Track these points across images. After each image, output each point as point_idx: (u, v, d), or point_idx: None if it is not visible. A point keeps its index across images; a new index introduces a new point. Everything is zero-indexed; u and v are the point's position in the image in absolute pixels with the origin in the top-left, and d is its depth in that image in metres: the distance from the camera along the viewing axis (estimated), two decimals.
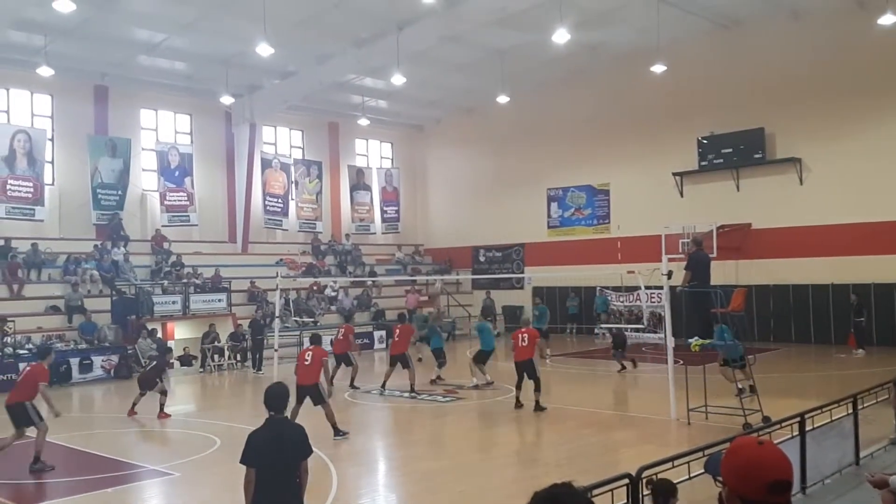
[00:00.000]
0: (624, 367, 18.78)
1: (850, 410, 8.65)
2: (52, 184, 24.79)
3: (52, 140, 24.84)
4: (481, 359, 17.08)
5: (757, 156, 24.16)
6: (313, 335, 13.90)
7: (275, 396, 5.93)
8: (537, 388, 13.90)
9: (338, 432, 11.83)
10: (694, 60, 24.85)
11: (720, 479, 2.35)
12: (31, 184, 23.55)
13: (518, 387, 14.30)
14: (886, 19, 18.59)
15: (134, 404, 14.39)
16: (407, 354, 17.01)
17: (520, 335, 14.56)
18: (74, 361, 19.63)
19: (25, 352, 19.17)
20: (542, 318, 23.15)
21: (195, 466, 10.46)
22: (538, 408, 13.81)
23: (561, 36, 19.02)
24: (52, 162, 24.88)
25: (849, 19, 21.81)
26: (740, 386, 14.69)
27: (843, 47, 22.35)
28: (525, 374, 14.11)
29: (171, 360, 18.34)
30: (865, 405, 8.94)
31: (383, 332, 27.18)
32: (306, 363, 12.24)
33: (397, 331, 17.59)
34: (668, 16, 21.54)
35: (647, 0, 20.84)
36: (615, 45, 25.03)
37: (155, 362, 15.49)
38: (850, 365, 18.88)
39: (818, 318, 23.14)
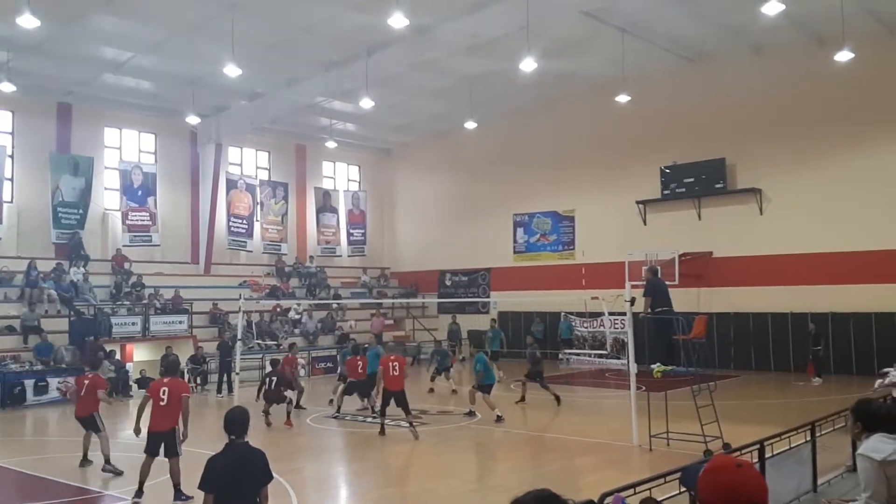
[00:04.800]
0: (524, 399, 18.29)
1: (808, 438, 8.77)
2: (11, 201, 24.29)
3: (11, 157, 24.38)
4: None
5: (718, 186, 24.63)
6: (166, 359, 11.90)
7: (235, 421, 5.84)
8: (408, 413, 14.23)
9: (179, 495, 9.62)
10: (659, 91, 25.34)
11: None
12: None
13: (383, 413, 14.33)
14: (843, 56, 19.17)
15: None
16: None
17: (390, 364, 14.32)
18: (29, 383, 19.13)
19: None
20: (495, 340, 23.59)
21: (152, 492, 10.21)
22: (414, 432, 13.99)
23: (528, 65, 19.26)
24: (11, 179, 24.40)
25: (808, 55, 22.43)
26: (497, 413, 15.20)
27: (803, 82, 22.96)
28: (394, 402, 14.17)
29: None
30: (823, 433, 9.06)
31: None
32: (162, 403, 9.80)
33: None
34: (634, 48, 21.98)
35: (614, 32, 21.25)
36: (582, 75, 25.43)
37: None
38: (808, 393, 19.17)
39: (777, 346, 23.51)
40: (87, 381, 11.97)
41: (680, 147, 25.34)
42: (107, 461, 11.51)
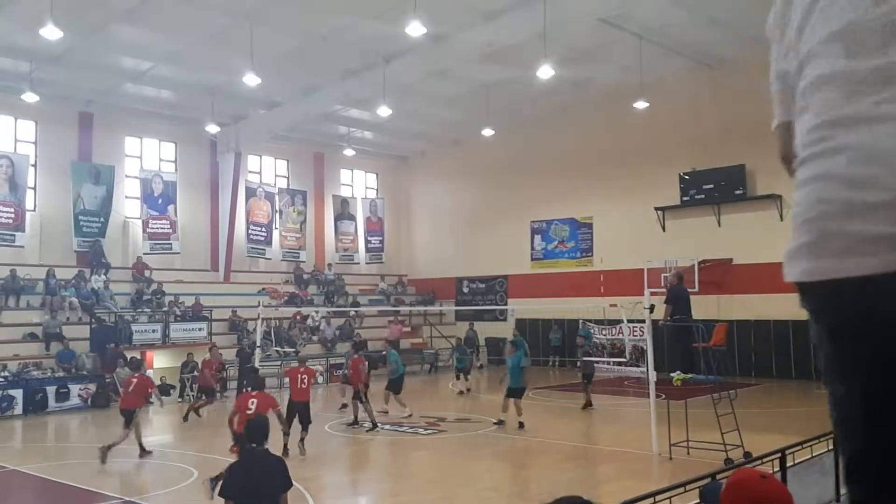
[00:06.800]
0: (590, 404, 18.32)
1: (831, 447, 8.67)
2: (34, 210, 24.61)
3: (34, 166, 24.71)
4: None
5: (738, 192, 24.45)
6: (251, 375, 11.75)
7: (255, 428, 5.87)
8: (305, 430, 13.11)
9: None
10: (677, 98, 25.22)
11: None
12: (11, 209, 23.38)
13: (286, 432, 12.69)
14: None
15: None
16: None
17: (299, 375, 13.42)
18: (51, 390, 19.33)
19: (1, 379, 18.87)
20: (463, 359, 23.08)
21: (171, 498, 10.28)
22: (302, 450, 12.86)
23: (545, 72, 19.28)
24: (34, 188, 24.73)
25: None
26: (521, 419, 15.11)
27: None
28: (298, 416, 13.12)
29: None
30: None
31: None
32: (248, 412, 9.96)
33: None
34: (651, 54, 21.91)
35: (631, 39, 21.20)
36: (599, 81, 25.37)
37: None
38: None
39: (799, 353, 23.25)
40: (134, 380, 13.31)
41: (699, 153, 25.20)
42: (142, 446, 12.89)
